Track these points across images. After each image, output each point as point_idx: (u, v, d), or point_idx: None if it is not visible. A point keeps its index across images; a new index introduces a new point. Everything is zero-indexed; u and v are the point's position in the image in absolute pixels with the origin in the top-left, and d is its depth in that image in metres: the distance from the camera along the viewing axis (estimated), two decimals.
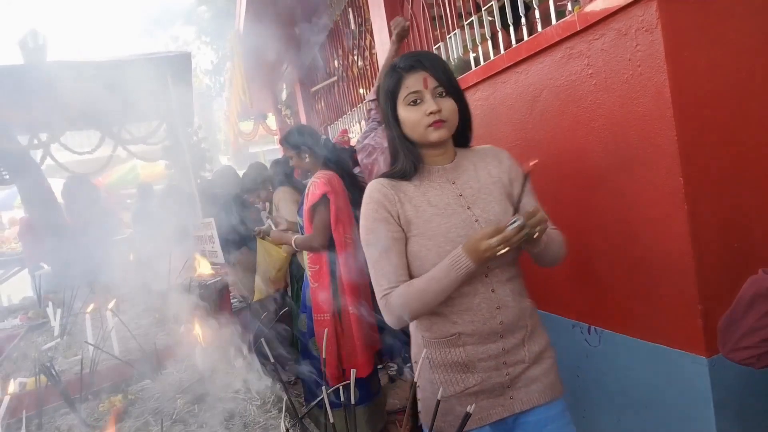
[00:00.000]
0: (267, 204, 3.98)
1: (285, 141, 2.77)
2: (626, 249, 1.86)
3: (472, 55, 2.68)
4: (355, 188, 2.68)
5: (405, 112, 1.25)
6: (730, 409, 1.66)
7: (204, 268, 2.22)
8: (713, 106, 1.61)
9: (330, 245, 2.59)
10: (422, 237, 1.25)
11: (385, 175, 1.32)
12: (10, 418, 1.06)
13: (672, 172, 1.61)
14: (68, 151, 5.02)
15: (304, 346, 2.75)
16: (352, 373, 0.94)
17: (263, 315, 2.58)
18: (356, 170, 4.03)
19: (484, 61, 2.50)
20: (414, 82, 1.23)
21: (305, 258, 2.72)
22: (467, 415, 0.76)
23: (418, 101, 1.23)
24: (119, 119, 4.47)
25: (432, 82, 1.23)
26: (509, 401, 1.27)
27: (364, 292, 2.62)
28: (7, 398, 1.09)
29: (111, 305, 1.57)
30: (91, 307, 1.58)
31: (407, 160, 1.29)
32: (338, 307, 2.57)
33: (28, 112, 3.85)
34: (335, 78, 5.46)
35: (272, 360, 1.01)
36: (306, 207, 2.60)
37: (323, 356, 1.20)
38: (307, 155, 2.69)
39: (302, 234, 2.72)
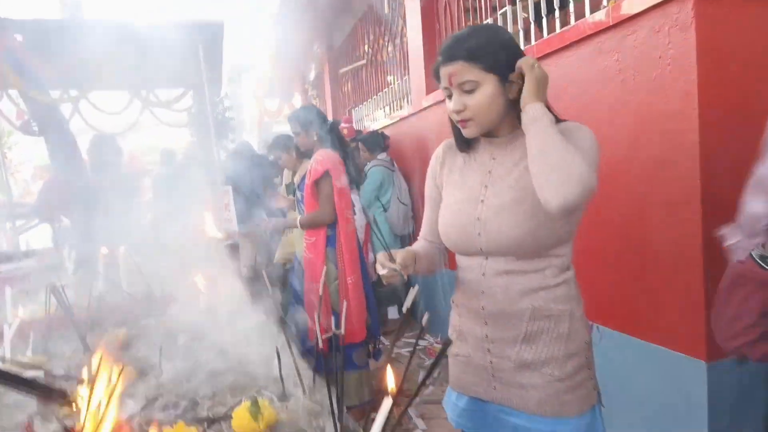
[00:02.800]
0: (282, 175, 4.03)
1: (294, 118, 2.83)
2: (637, 249, 1.86)
3: None
4: (354, 163, 2.80)
5: (446, 102, 1.23)
6: (724, 414, 1.66)
7: (210, 229, 2.26)
8: (740, 112, 1.60)
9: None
10: (443, 203, 1.31)
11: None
12: (18, 341, 1.11)
13: (691, 174, 1.60)
14: (96, 112, 5.12)
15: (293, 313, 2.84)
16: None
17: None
18: (383, 155, 4.11)
19: None
20: (443, 77, 1.18)
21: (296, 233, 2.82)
22: (448, 341, 0.81)
23: (451, 96, 1.20)
24: (148, 83, 4.54)
25: (457, 78, 1.15)
26: (493, 390, 1.24)
27: (359, 264, 2.76)
28: (17, 320, 1.13)
29: (122, 249, 1.61)
30: (104, 249, 1.62)
31: (454, 136, 1.32)
32: (333, 277, 2.67)
33: (61, 67, 3.94)
34: (364, 62, 5.47)
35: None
36: (308, 182, 2.70)
37: (316, 324, 1.18)
38: (314, 134, 2.76)
39: (300, 208, 2.80)
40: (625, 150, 1.84)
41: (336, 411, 0.83)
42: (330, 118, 4.78)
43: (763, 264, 1.09)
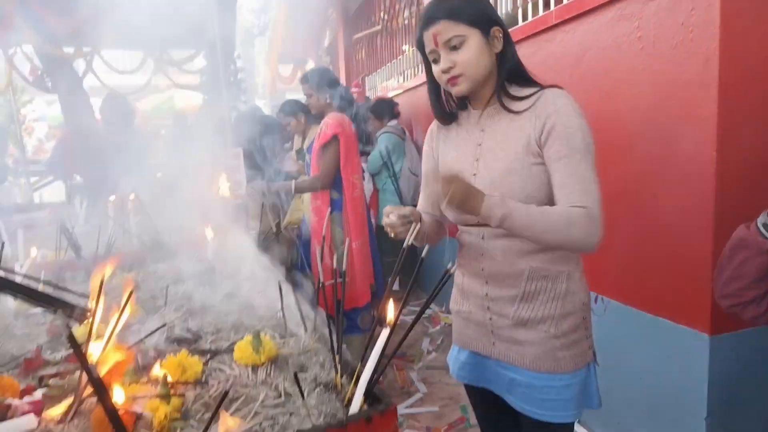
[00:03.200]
0: (293, 140, 4.01)
1: (307, 79, 2.79)
2: (647, 221, 1.84)
3: (520, 11, 2.61)
4: (364, 128, 2.81)
5: (432, 68, 1.25)
6: (724, 388, 1.67)
7: (223, 188, 2.28)
8: (761, 82, 1.56)
9: (336, 183, 2.71)
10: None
11: None
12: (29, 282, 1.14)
13: (707, 144, 1.57)
14: (109, 71, 5.09)
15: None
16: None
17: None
18: (393, 123, 4.07)
19: (533, 17, 2.43)
20: (428, 40, 1.20)
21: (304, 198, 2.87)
22: (446, 273, 0.82)
23: (437, 59, 1.21)
24: (161, 42, 4.51)
25: (443, 37, 1.16)
26: (491, 346, 1.29)
27: (367, 230, 2.80)
28: (28, 261, 1.16)
29: (132, 196, 1.63)
30: (113, 197, 1.64)
31: (434, 111, 1.33)
32: (340, 241, 2.70)
33: (75, 24, 3.91)
34: (379, 28, 5.37)
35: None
36: (316, 146, 2.69)
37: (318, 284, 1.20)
38: (327, 96, 2.73)
39: (309, 173, 2.82)
40: (640, 120, 1.81)
41: (335, 344, 0.84)
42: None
43: (764, 232, 1.10)
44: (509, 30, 1.22)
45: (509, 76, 1.21)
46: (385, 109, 4.08)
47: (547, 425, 1.23)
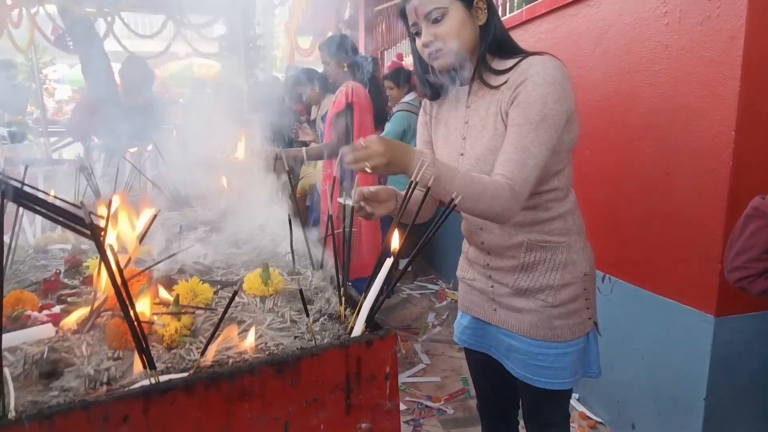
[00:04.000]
0: (309, 110, 4.01)
1: (325, 46, 2.77)
2: (658, 201, 1.83)
3: None
4: (379, 98, 2.80)
5: (415, 43, 1.24)
6: (725, 369, 1.68)
7: (241, 151, 2.31)
8: None
9: None
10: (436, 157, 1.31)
11: None
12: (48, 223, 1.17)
13: (726, 124, 1.55)
14: (129, 38, 5.10)
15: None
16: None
17: None
18: (411, 96, 4.02)
19: None
20: (410, 14, 1.18)
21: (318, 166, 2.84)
22: (452, 201, 0.82)
23: (419, 32, 1.19)
24: (182, 7, 4.51)
25: (423, 9, 1.14)
26: (493, 312, 1.32)
27: None
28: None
29: (150, 147, 1.66)
30: (134, 149, 1.67)
31: (420, 85, 1.32)
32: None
33: None
34: (399, 0, 5.30)
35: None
36: (330, 114, 2.69)
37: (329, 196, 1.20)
38: (344, 65, 2.72)
39: (321, 141, 2.82)
40: (663, 98, 1.78)
41: (340, 279, 0.87)
42: None
43: None
44: (530, 5, 1.18)
45: (492, 49, 1.18)
46: (402, 77, 4.01)
47: (543, 391, 1.26)
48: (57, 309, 0.87)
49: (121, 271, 0.60)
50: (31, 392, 0.65)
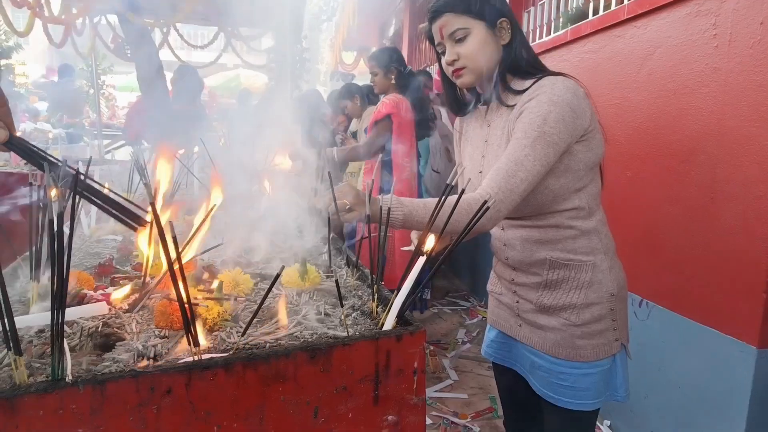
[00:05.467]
0: (345, 123, 4.09)
1: (376, 58, 2.83)
2: (702, 227, 1.79)
3: (591, 5, 2.56)
4: (423, 113, 2.83)
5: (441, 62, 1.27)
6: (766, 403, 1.61)
7: (284, 162, 2.38)
8: None
9: (386, 165, 2.76)
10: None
11: None
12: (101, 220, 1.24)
13: None
14: (182, 49, 5.32)
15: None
16: None
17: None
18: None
19: (604, 11, 2.39)
20: (435, 33, 1.22)
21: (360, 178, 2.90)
22: (485, 204, 0.84)
23: (444, 51, 1.22)
24: (234, 20, 4.70)
25: (447, 30, 1.18)
26: (518, 328, 1.32)
27: None
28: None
29: (197, 148, 1.74)
30: (182, 150, 1.76)
31: (447, 100, 1.37)
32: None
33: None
34: None
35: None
36: (370, 122, 2.73)
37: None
38: (393, 76, 2.77)
39: None
40: (707, 120, 1.75)
41: (375, 278, 0.90)
42: None
43: None
44: (576, 26, 1.19)
45: (512, 69, 1.20)
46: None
47: (565, 411, 1.24)
48: (110, 290, 0.93)
49: (179, 254, 0.65)
50: (86, 361, 0.69)
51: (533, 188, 1.10)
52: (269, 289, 0.69)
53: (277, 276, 0.70)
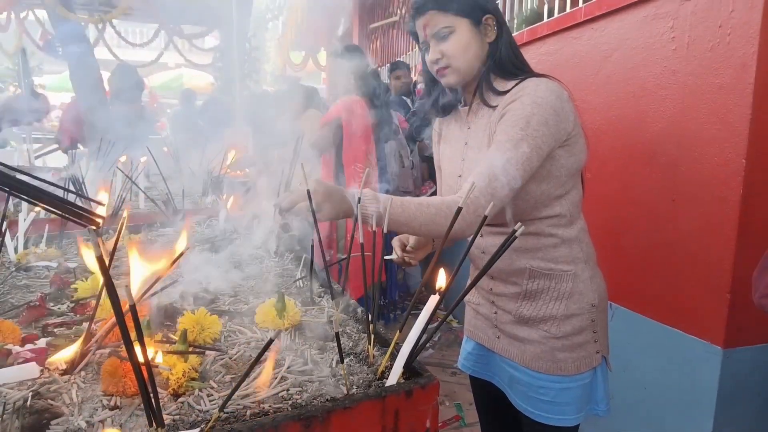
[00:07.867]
0: None
1: (335, 57, 2.73)
2: (664, 228, 1.79)
3: (546, 7, 2.55)
4: (383, 111, 2.74)
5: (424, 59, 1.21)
6: (732, 403, 1.63)
7: (234, 165, 2.25)
8: None
9: (338, 171, 2.63)
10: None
11: None
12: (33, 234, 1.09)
13: (736, 152, 1.53)
14: (119, 47, 5.02)
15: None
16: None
17: None
18: None
19: (559, 13, 2.38)
20: (419, 30, 1.17)
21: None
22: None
23: (428, 49, 1.17)
24: (175, 17, 4.46)
25: (431, 28, 1.13)
26: (496, 339, 1.26)
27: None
28: (32, 214, 1.11)
29: (143, 159, 1.59)
30: (124, 157, 1.59)
31: (430, 102, 1.29)
32: (342, 234, 2.63)
33: None
34: (396, 18, 5.32)
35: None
36: (321, 119, 2.66)
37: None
38: (352, 77, 2.67)
39: None
40: (666, 123, 1.76)
41: (370, 316, 0.80)
42: None
43: None
44: (531, 27, 1.15)
45: (496, 68, 1.15)
46: None
47: (546, 426, 1.19)
48: (42, 342, 0.77)
49: (134, 306, 0.52)
50: None
51: (514, 194, 1.05)
52: (257, 359, 0.57)
53: (269, 343, 0.57)
